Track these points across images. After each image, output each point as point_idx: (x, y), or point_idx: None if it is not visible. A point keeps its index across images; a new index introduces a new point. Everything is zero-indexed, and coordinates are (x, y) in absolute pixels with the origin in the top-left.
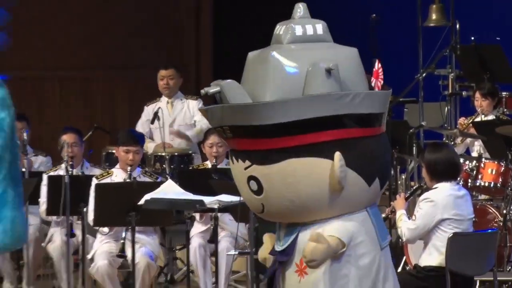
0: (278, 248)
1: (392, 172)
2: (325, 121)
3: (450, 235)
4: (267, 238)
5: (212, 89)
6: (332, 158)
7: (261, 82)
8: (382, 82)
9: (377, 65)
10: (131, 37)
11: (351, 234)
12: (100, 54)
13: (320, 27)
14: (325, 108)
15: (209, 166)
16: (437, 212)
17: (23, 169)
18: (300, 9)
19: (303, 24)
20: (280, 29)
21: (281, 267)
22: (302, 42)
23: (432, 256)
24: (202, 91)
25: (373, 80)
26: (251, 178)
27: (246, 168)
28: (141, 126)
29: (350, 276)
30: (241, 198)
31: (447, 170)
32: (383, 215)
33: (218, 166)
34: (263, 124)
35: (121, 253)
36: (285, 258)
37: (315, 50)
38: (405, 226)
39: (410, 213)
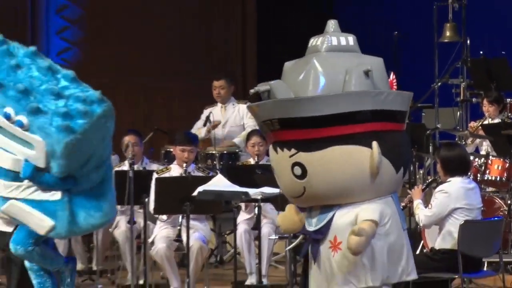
0: (311, 228)
1: (411, 167)
2: (363, 115)
3: (462, 222)
4: (290, 207)
5: (263, 87)
6: (368, 147)
7: (303, 84)
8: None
9: (392, 76)
10: (185, 46)
11: (381, 215)
12: (159, 64)
13: (351, 39)
14: (363, 103)
15: (252, 162)
16: (451, 202)
17: None
18: (333, 24)
19: (337, 36)
20: (316, 40)
21: (315, 244)
22: (336, 51)
23: (446, 240)
24: (252, 90)
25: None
26: (295, 164)
27: (291, 156)
28: (198, 127)
29: (376, 250)
30: (281, 190)
31: (459, 166)
32: (403, 204)
33: (260, 163)
34: (310, 116)
35: (178, 238)
36: (320, 236)
37: (348, 57)
38: (422, 213)
39: (426, 202)
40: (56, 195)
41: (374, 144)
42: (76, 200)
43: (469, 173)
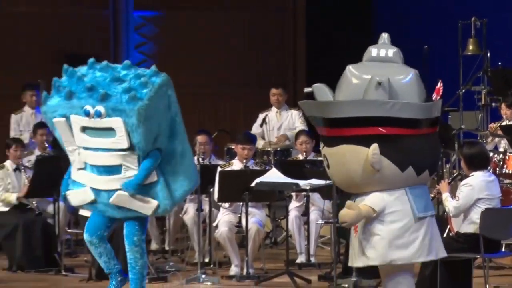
0: None
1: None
2: (369, 120)
3: (483, 210)
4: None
5: (308, 89)
6: (369, 147)
7: (339, 88)
8: (439, 96)
9: (439, 84)
10: (246, 60)
11: (384, 204)
12: (221, 75)
13: (391, 51)
14: (371, 110)
15: (301, 158)
16: (474, 193)
17: None
18: (383, 37)
19: (379, 48)
20: (366, 51)
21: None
22: (375, 61)
23: (469, 225)
24: (304, 90)
25: (434, 95)
26: (324, 156)
27: (322, 148)
28: (256, 128)
29: (381, 235)
30: (327, 181)
31: (480, 162)
32: (432, 195)
33: (308, 158)
34: (328, 117)
35: (238, 225)
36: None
37: (381, 68)
38: (451, 205)
39: (452, 192)
40: (152, 177)
41: (372, 146)
42: (168, 177)
43: (489, 167)
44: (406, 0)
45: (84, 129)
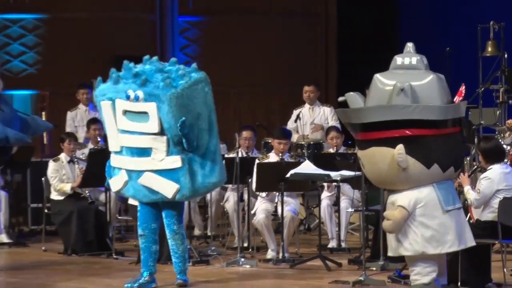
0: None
1: None
2: (394, 123)
3: (501, 199)
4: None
5: (341, 98)
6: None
7: (369, 95)
8: (460, 98)
9: (462, 88)
10: (282, 60)
11: (415, 200)
12: (260, 74)
13: (414, 59)
14: (395, 114)
15: (332, 151)
16: (493, 185)
17: None
18: (408, 46)
19: (403, 57)
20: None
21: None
22: (400, 69)
23: (488, 214)
24: (339, 99)
25: (456, 97)
26: (359, 158)
27: (357, 151)
28: (290, 124)
29: (414, 229)
30: (356, 173)
31: (496, 155)
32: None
33: (338, 152)
34: (357, 122)
35: (274, 213)
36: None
37: (404, 74)
38: (472, 197)
39: (473, 184)
40: (176, 163)
41: (398, 146)
42: (194, 167)
43: (505, 160)
44: (430, 6)
45: (125, 112)
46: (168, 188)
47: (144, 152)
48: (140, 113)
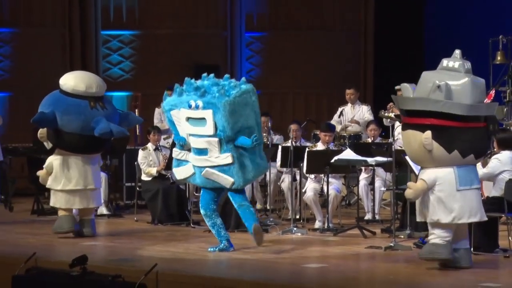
0: None
1: None
2: (428, 113)
3: (507, 180)
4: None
5: (398, 87)
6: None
7: (417, 87)
8: (489, 100)
9: (492, 91)
10: (329, 68)
11: (434, 177)
12: (312, 79)
13: (457, 63)
14: (429, 105)
15: (369, 141)
16: (501, 166)
17: (268, 143)
18: (456, 53)
19: (448, 60)
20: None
21: None
22: (445, 70)
23: (497, 191)
24: (396, 87)
25: (486, 99)
26: (402, 136)
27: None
28: (335, 118)
29: (430, 200)
30: (388, 158)
31: (508, 143)
32: None
33: (375, 141)
34: (402, 108)
35: (321, 193)
36: None
37: (446, 75)
38: (481, 171)
39: (484, 164)
40: (228, 159)
41: (426, 132)
42: (244, 161)
43: None
44: (451, 22)
45: (188, 119)
46: (225, 181)
47: (203, 152)
48: (199, 119)
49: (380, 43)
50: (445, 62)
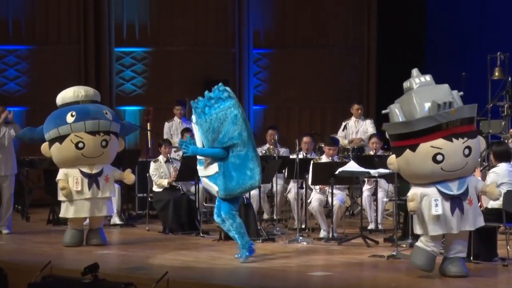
0: (453, 192)
1: None
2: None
3: (505, 191)
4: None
5: (385, 110)
6: None
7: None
8: (478, 176)
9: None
10: (333, 83)
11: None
12: (317, 93)
13: (408, 82)
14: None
15: (372, 153)
16: (499, 178)
17: (275, 155)
18: (412, 72)
19: (405, 82)
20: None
21: (457, 200)
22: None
23: (495, 202)
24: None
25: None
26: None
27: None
28: (340, 132)
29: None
30: (390, 170)
31: (504, 156)
32: None
33: (377, 154)
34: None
35: (325, 206)
36: (466, 196)
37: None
38: (480, 185)
39: (482, 177)
40: (213, 169)
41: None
42: (230, 172)
43: (511, 161)
44: (452, 40)
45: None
46: (213, 189)
47: (200, 162)
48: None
49: (382, 58)
50: (404, 84)
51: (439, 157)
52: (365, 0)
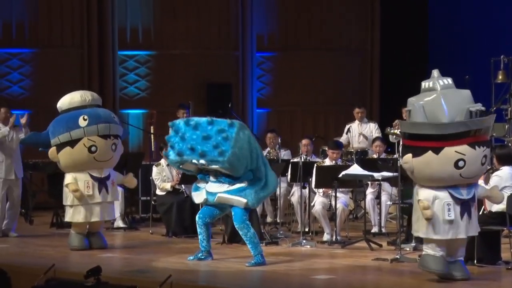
0: (463, 196)
1: None
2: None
3: (509, 195)
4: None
5: (407, 108)
6: None
7: None
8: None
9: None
10: (336, 86)
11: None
12: (320, 97)
13: (431, 82)
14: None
15: (375, 157)
16: (502, 182)
17: (276, 158)
18: (433, 73)
19: (425, 82)
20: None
21: (466, 205)
22: (424, 92)
23: (499, 205)
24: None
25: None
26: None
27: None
28: (343, 136)
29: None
30: (394, 173)
31: (507, 159)
32: None
33: (380, 157)
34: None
35: (328, 210)
36: (474, 200)
37: (422, 96)
38: (482, 190)
39: (486, 180)
40: (243, 184)
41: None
42: (256, 185)
43: None
44: (454, 43)
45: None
46: (240, 202)
47: (218, 180)
48: None
49: (386, 62)
50: (423, 84)
51: (461, 163)
52: (369, 3)
